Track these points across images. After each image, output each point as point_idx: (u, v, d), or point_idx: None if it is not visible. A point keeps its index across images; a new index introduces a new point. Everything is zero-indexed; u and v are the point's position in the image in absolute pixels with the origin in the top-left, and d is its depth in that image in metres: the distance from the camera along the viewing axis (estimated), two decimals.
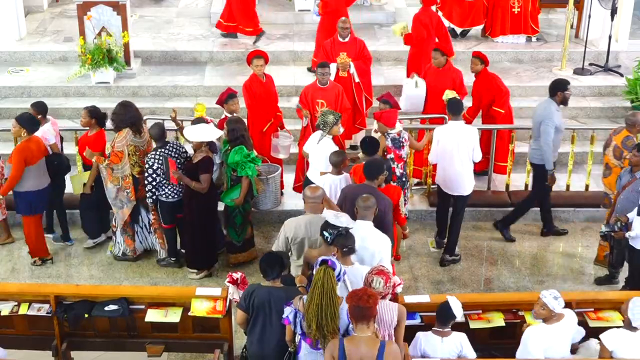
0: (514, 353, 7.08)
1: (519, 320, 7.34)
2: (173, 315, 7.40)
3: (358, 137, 10.95)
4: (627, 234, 8.29)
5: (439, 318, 6.73)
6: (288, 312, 6.50)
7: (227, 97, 9.72)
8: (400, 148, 9.20)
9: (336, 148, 9.05)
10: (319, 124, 9.19)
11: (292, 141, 10.23)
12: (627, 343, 6.64)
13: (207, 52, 13.04)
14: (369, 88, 11.20)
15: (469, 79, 10.92)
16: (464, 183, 9.37)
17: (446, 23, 13.28)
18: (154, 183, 9.04)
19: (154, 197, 9.15)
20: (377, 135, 9.24)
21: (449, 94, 10.14)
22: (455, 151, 9.21)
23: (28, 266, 9.60)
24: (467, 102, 10.78)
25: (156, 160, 8.95)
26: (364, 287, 6.36)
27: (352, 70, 10.86)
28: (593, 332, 6.97)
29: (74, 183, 9.58)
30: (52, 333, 7.55)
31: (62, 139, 9.96)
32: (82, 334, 7.59)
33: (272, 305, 6.70)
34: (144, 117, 10.93)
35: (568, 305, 7.12)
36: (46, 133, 9.57)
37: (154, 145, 9.23)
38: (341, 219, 7.05)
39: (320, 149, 9.05)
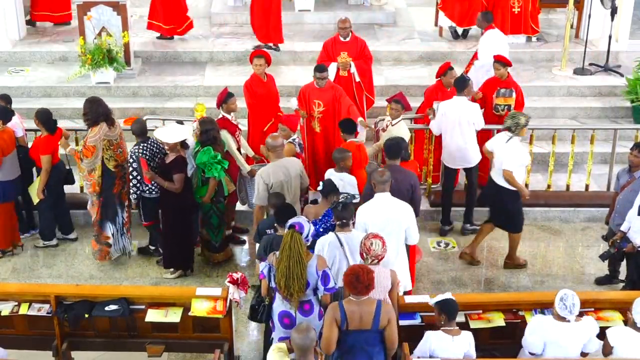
0: (515, 353, 7.10)
1: (519, 320, 7.33)
2: (173, 316, 7.40)
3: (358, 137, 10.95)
4: (636, 244, 8.30)
5: (449, 314, 6.68)
6: (263, 267, 6.98)
7: (226, 96, 9.70)
8: (302, 151, 9.44)
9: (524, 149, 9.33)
10: (510, 126, 9.07)
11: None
12: (631, 342, 6.64)
13: (207, 52, 13.04)
14: (371, 87, 11.21)
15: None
16: (468, 156, 9.88)
17: (448, 22, 13.32)
18: (138, 177, 9.04)
19: (138, 193, 9.14)
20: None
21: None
22: (457, 125, 9.71)
23: (28, 266, 9.61)
24: None
25: (140, 154, 8.98)
26: (362, 264, 6.74)
27: (353, 69, 10.87)
28: (607, 330, 6.95)
29: (33, 192, 9.57)
30: (53, 333, 7.55)
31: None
32: (82, 334, 7.59)
33: None
34: (144, 117, 11.02)
35: None
36: (15, 126, 9.61)
37: (125, 138, 9.32)
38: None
39: (507, 148, 9.04)
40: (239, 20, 14.01)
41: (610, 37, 12.49)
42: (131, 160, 9.02)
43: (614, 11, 12.33)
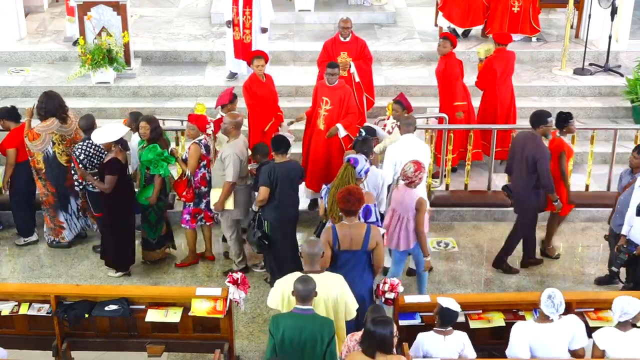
0: None
1: (519, 321, 7.33)
2: (173, 315, 7.40)
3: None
4: None
5: (443, 320, 6.70)
6: (322, 189, 8.27)
7: (232, 98, 9.70)
8: (209, 153, 9.33)
9: None
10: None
11: (293, 141, 10.21)
12: (618, 342, 6.62)
13: (207, 52, 13.04)
14: (371, 88, 11.19)
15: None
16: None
17: (447, 23, 13.32)
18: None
19: (82, 187, 9.28)
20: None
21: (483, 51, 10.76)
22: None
23: (28, 266, 9.61)
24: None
25: (83, 151, 9.07)
26: (354, 186, 7.50)
27: (353, 69, 10.85)
28: (593, 332, 6.96)
29: None
30: (53, 333, 7.56)
31: None
32: (82, 334, 7.60)
33: (290, 174, 8.61)
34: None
35: (568, 305, 7.12)
36: None
37: (81, 134, 9.39)
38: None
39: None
40: None
41: (610, 37, 12.50)
42: (74, 156, 9.14)
43: (614, 11, 12.33)
